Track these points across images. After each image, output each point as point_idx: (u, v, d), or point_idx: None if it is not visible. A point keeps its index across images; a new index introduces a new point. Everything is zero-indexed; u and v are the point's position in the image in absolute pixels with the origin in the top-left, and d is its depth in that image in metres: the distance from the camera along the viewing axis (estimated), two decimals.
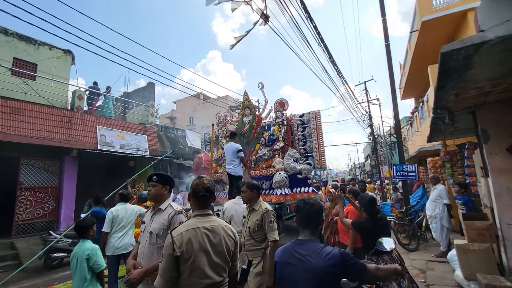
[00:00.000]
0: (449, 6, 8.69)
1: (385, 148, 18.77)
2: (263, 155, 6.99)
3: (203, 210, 1.67)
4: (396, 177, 6.75)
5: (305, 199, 1.68)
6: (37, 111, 8.07)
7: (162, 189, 2.17)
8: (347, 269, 1.42)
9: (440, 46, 2.24)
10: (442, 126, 4.89)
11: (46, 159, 8.33)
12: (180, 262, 1.46)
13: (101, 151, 9.02)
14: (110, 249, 3.83)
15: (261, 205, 2.85)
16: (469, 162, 5.20)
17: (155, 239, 2.03)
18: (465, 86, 2.99)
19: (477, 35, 2.07)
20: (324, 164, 6.61)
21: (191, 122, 24.30)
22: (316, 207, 1.61)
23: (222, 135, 8.15)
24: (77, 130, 8.84)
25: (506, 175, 3.67)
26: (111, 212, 3.91)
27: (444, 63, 2.38)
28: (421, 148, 9.33)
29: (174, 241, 1.47)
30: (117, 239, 3.85)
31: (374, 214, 2.90)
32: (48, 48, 9.62)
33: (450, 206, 5.48)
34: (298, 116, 7.09)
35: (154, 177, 2.17)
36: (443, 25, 8.90)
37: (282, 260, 1.58)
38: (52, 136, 8.11)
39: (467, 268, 3.95)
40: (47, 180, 8.28)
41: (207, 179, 1.72)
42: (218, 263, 1.55)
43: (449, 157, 6.34)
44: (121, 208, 4.00)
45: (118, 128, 10.14)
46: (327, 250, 1.46)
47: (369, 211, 2.92)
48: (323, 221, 1.67)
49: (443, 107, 3.76)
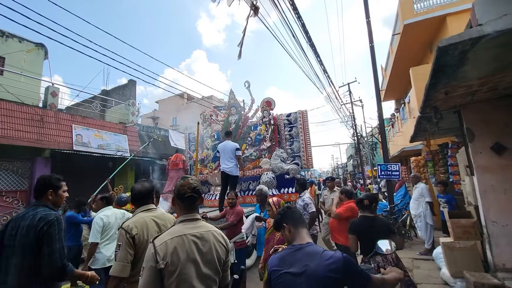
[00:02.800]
0: (429, 10, 9.01)
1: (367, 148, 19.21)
2: (250, 155, 6.83)
3: (190, 215, 1.48)
4: (381, 177, 6.81)
5: (287, 206, 1.83)
6: (5, 108, 7.44)
7: None
8: (350, 277, 1.31)
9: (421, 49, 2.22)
10: (427, 126, 4.97)
11: (15, 161, 7.71)
12: (164, 276, 1.26)
13: (77, 151, 8.48)
14: (100, 261, 3.29)
15: None
16: (452, 161, 5.31)
17: None
18: (456, 84, 2.99)
19: (475, 29, 2.02)
20: (311, 164, 6.55)
21: (175, 122, 23.70)
22: (299, 211, 1.70)
23: (207, 135, 7.90)
24: (50, 129, 8.25)
25: (490, 173, 3.74)
26: (101, 220, 3.40)
27: (440, 59, 2.34)
28: (403, 148, 9.56)
29: (157, 251, 1.27)
30: (108, 250, 3.35)
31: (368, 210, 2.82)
32: (17, 41, 8.95)
33: (432, 204, 5.58)
34: (285, 115, 7.00)
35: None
36: (423, 28, 9.21)
37: (278, 269, 1.45)
38: (22, 136, 7.51)
39: (453, 265, 3.98)
40: (15, 183, 7.66)
41: (193, 179, 1.54)
42: (208, 275, 1.37)
43: (431, 157, 6.49)
44: (111, 214, 3.54)
45: (96, 127, 9.59)
46: (328, 254, 1.35)
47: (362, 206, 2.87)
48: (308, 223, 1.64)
49: (430, 106, 3.78)
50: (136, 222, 1.83)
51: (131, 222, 1.83)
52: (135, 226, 1.79)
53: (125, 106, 11.76)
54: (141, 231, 1.80)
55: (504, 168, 3.64)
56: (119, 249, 1.72)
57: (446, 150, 5.82)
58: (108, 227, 3.44)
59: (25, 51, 9.10)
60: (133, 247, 1.74)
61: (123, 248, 1.71)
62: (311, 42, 5.79)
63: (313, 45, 5.79)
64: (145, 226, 1.84)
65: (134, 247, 1.74)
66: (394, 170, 6.70)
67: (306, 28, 5.21)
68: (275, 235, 2.76)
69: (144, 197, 2.03)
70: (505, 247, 3.52)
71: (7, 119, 7.37)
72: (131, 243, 1.73)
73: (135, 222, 1.82)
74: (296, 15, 4.22)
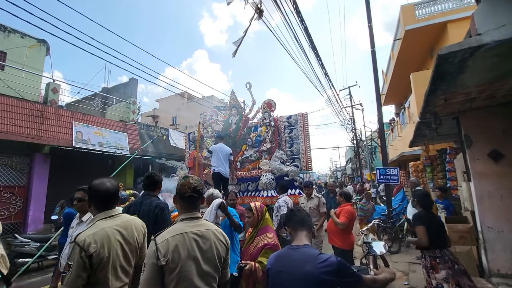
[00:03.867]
0: (430, 17, 9.10)
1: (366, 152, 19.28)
2: (250, 156, 6.85)
3: (191, 213, 1.51)
4: (380, 181, 6.85)
5: (292, 208, 1.83)
6: (5, 103, 7.43)
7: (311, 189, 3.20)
8: (343, 278, 1.36)
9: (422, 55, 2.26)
10: (426, 131, 5.02)
11: (14, 156, 7.69)
12: (165, 273, 1.29)
13: (76, 148, 8.48)
14: None
15: None
16: (450, 167, 5.36)
17: None
18: (455, 91, 3.03)
19: (474, 38, 2.06)
20: (310, 167, 6.58)
21: (174, 122, 23.69)
22: (304, 213, 1.69)
23: (207, 135, 7.92)
24: (50, 126, 8.24)
25: (487, 179, 3.79)
26: None
27: (440, 66, 2.38)
28: (402, 153, 9.62)
29: (158, 248, 1.30)
30: None
31: (429, 206, 2.95)
32: (19, 36, 8.95)
33: None
34: (285, 117, 7.03)
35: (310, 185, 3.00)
36: (425, 34, 9.29)
37: (274, 268, 1.51)
38: (21, 131, 7.50)
39: None
40: (14, 179, 7.65)
41: (194, 179, 1.57)
42: (208, 272, 1.40)
43: (429, 162, 6.54)
44: None
45: (96, 124, 9.59)
46: (323, 257, 1.40)
47: (425, 203, 2.97)
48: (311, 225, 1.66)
49: (430, 111, 3.83)
50: (96, 235, 1.44)
51: (89, 235, 1.43)
52: (94, 241, 1.41)
53: (126, 104, 11.77)
54: (102, 247, 1.43)
55: (500, 174, 3.69)
56: (68, 269, 1.34)
57: (445, 156, 5.86)
58: None
59: (27, 47, 9.10)
60: (88, 269, 1.37)
61: (74, 270, 1.33)
62: (313, 45, 5.84)
63: (315, 48, 5.84)
64: (106, 240, 1.46)
65: (91, 267, 1.38)
66: (392, 174, 6.74)
67: (308, 31, 5.26)
68: (250, 248, 2.42)
69: (110, 199, 1.64)
70: (500, 253, 3.56)
71: (7, 114, 7.36)
72: (86, 264, 1.36)
73: (94, 235, 1.43)
74: (299, 18, 4.27)
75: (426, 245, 2.74)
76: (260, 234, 2.43)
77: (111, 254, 1.46)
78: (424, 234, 2.73)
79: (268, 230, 2.47)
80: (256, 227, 2.49)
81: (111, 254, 1.46)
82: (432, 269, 2.70)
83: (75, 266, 1.33)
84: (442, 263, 2.66)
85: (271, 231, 2.45)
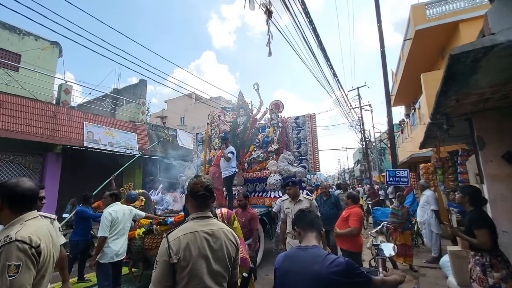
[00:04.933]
0: (441, 16, 8.94)
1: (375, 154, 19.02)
2: (257, 157, 6.86)
3: (202, 212, 1.52)
4: (389, 183, 6.76)
5: (303, 209, 1.77)
6: (19, 104, 7.66)
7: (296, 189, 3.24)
8: (352, 278, 1.36)
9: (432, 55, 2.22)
10: (437, 132, 4.92)
11: (27, 155, 7.90)
12: (176, 270, 1.31)
13: (87, 148, 8.65)
14: (108, 256, 3.37)
15: None
16: (462, 169, 5.24)
17: None
18: (467, 91, 2.97)
19: (487, 37, 2.02)
20: (318, 168, 6.55)
21: (182, 122, 23.93)
22: (313, 214, 1.69)
23: (215, 136, 7.97)
24: (62, 126, 8.44)
25: (501, 182, 3.68)
26: (110, 214, 3.49)
27: (452, 66, 2.33)
28: (412, 154, 9.47)
29: (170, 246, 1.32)
30: (116, 245, 3.47)
31: (482, 204, 2.84)
32: (33, 39, 9.20)
33: (438, 212, 5.51)
34: (293, 118, 7.02)
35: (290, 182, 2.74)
36: (435, 34, 9.13)
37: (282, 267, 1.52)
38: (35, 131, 7.71)
39: (460, 274, 3.93)
40: (27, 177, 7.85)
41: (206, 177, 1.59)
42: (218, 271, 1.41)
43: (441, 164, 6.41)
44: (119, 209, 3.65)
45: (106, 125, 9.78)
46: (331, 257, 1.41)
47: (477, 201, 2.83)
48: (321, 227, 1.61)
49: (441, 112, 3.75)
50: (38, 231, 1.31)
51: (31, 232, 1.27)
52: (38, 238, 1.28)
53: (135, 105, 11.95)
54: (45, 244, 1.32)
55: None
56: (17, 271, 1.16)
57: (456, 158, 5.74)
58: (116, 222, 3.53)
59: (40, 49, 9.34)
60: (36, 265, 1.25)
61: (25, 269, 1.19)
62: (322, 46, 5.81)
63: (323, 48, 5.82)
64: (47, 238, 1.36)
65: (37, 265, 1.26)
66: (402, 176, 6.65)
67: (317, 31, 5.24)
68: None
69: (32, 201, 1.44)
70: None
71: (21, 114, 7.58)
72: (37, 260, 1.25)
73: (37, 232, 1.30)
74: (307, 19, 4.26)
75: (489, 247, 2.64)
76: None
77: (52, 253, 1.38)
78: (489, 238, 2.60)
79: None
80: None
81: (52, 253, 1.39)
82: (491, 267, 2.60)
83: (25, 264, 1.20)
84: (502, 262, 2.58)
85: (241, 242, 1.94)
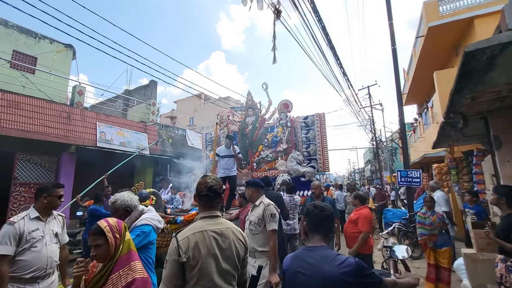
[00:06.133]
0: (455, 12, 8.68)
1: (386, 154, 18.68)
2: (266, 157, 6.86)
3: (210, 212, 1.53)
4: (400, 183, 6.61)
5: (315, 203, 1.62)
6: (35, 105, 7.91)
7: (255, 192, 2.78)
8: (362, 279, 1.33)
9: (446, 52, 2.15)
10: (451, 132, 4.79)
11: (43, 155, 8.16)
12: (186, 269, 1.32)
13: (100, 148, 8.85)
14: None
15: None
16: (477, 169, 5.08)
17: None
18: (483, 89, 2.88)
19: (505, 33, 1.95)
20: (327, 168, 6.49)
21: (191, 122, 24.15)
22: (327, 212, 1.55)
23: (223, 136, 8.01)
24: (76, 126, 8.67)
25: None
26: None
27: (466, 64, 2.26)
28: (425, 154, 9.25)
29: (179, 245, 1.33)
30: None
31: None
32: (49, 42, 9.49)
33: (449, 213, 5.35)
34: (302, 118, 6.98)
35: None
36: (449, 31, 8.88)
37: (291, 268, 1.49)
38: (50, 132, 7.94)
39: (475, 278, 3.81)
40: (43, 176, 8.10)
41: (212, 178, 1.59)
42: (227, 270, 1.42)
43: (455, 164, 6.23)
44: None
45: (118, 125, 9.98)
46: (341, 258, 1.38)
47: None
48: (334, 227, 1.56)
49: (456, 111, 3.65)
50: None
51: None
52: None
53: (146, 105, 12.16)
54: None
55: None
56: None
57: (471, 158, 5.56)
58: None
59: (55, 52, 9.62)
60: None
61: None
62: (331, 44, 5.75)
63: (333, 47, 5.75)
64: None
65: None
66: (415, 176, 6.49)
67: (326, 30, 5.19)
68: None
69: None
70: None
71: (38, 115, 7.83)
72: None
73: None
74: (316, 17, 4.22)
75: None
76: (120, 267, 1.42)
77: None
78: None
79: (132, 257, 1.49)
80: (112, 259, 1.43)
81: None
82: None
83: None
84: None
85: (136, 259, 1.51)
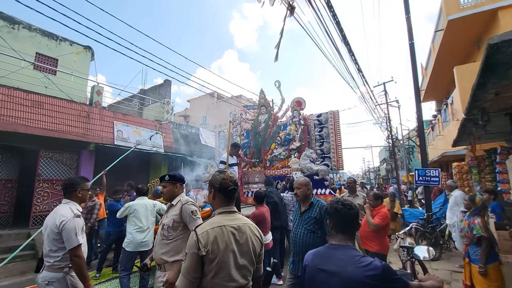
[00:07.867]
0: (477, 4, 8.30)
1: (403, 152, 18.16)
2: (279, 155, 6.84)
3: (228, 207, 1.55)
4: (418, 182, 6.42)
5: (342, 201, 1.56)
6: (57, 105, 8.25)
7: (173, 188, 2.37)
8: (387, 284, 1.29)
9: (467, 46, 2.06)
10: (472, 129, 4.60)
11: (64, 152, 8.50)
12: (204, 262, 1.35)
13: (117, 146, 9.12)
14: (131, 244, 3.77)
15: None
16: (501, 168, 4.86)
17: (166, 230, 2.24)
18: (507, 84, 2.74)
19: None
20: (341, 166, 6.38)
21: (204, 121, 24.42)
22: (355, 210, 1.52)
23: (236, 134, 8.05)
24: (95, 125, 8.98)
25: None
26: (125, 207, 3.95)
27: (490, 57, 2.17)
28: (444, 153, 8.93)
29: (199, 239, 1.36)
30: (140, 234, 3.81)
31: None
32: (69, 44, 9.84)
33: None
34: (315, 115, 6.90)
35: (166, 177, 2.37)
36: (470, 24, 8.51)
37: (313, 265, 1.47)
38: (71, 130, 8.27)
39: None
40: (64, 172, 8.44)
41: (231, 172, 1.62)
42: (244, 265, 1.43)
43: (476, 163, 5.99)
44: (137, 203, 3.94)
45: (134, 124, 10.25)
46: (367, 259, 1.34)
47: None
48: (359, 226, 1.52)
49: (478, 107, 3.50)
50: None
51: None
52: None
53: (160, 104, 12.40)
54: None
55: None
56: None
57: (494, 156, 5.33)
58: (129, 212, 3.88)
59: (75, 53, 9.98)
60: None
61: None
62: (346, 40, 5.64)
63: (347, 43, 5.64)
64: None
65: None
66: (433, 175, 6.29)
67: (340, 25, 5.09)
68: None
69: None
70: None
71: (59, 114, 8.17)
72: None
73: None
74: (331, 13, 4.15)
75: None
76: None
77: None
78: None
79: None
80: None
81: None
82: None
83: None
84: None
85: None
